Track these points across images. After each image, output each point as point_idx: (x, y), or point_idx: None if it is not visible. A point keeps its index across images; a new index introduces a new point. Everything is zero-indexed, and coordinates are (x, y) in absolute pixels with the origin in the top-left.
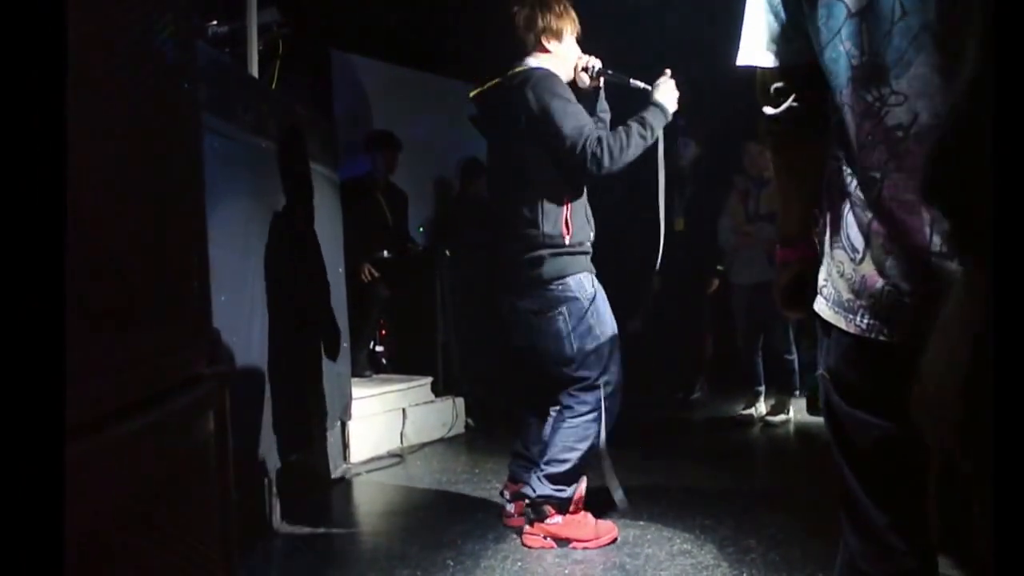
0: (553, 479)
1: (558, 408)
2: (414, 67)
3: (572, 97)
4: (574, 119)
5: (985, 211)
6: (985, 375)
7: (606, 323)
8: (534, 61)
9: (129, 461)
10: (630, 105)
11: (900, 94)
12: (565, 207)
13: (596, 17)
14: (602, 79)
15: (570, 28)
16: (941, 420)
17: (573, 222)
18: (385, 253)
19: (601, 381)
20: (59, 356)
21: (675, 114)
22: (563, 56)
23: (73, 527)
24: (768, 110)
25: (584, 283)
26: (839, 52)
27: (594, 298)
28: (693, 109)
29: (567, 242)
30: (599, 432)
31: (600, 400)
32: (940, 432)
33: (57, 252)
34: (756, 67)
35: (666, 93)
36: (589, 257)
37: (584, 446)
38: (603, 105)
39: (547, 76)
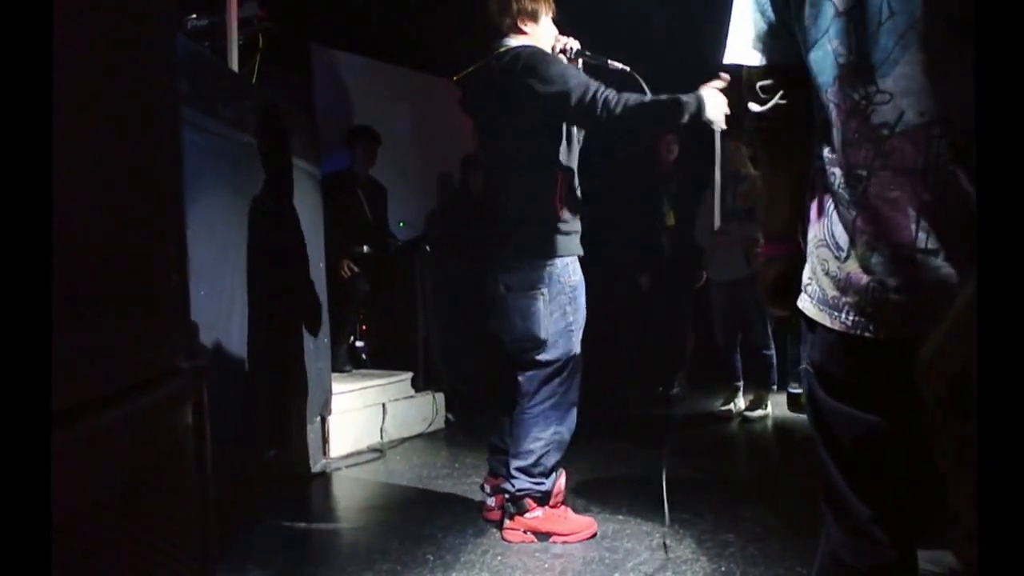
0: (526, 471)
1: (518, 399)
2: (394, 62)
3: (567, 63)
4: (576, 77)
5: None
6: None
7: (580, 311)
8: (514, 43)
9: (105, 453)
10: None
11: (886, 93)
12: (558, 185)
13: (574, 10)
14: (580, 60)
15: (545, 9)
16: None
17: (566, 200)
18: (364, 248)
19: (559, 363)
20: (45, 348)
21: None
22: (540, 37)
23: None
24: (754, 108)
25: (570, 268)
26: (826, 51)
27: (575, 285)
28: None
29: (560, 219)
30: (561, 418)
31: (556, 386)
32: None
33: (43, 244)
34: (743, 65)
35: (712, 93)
36: (578, 237)
37: (547, 434)
38: None
39: (537, 50)
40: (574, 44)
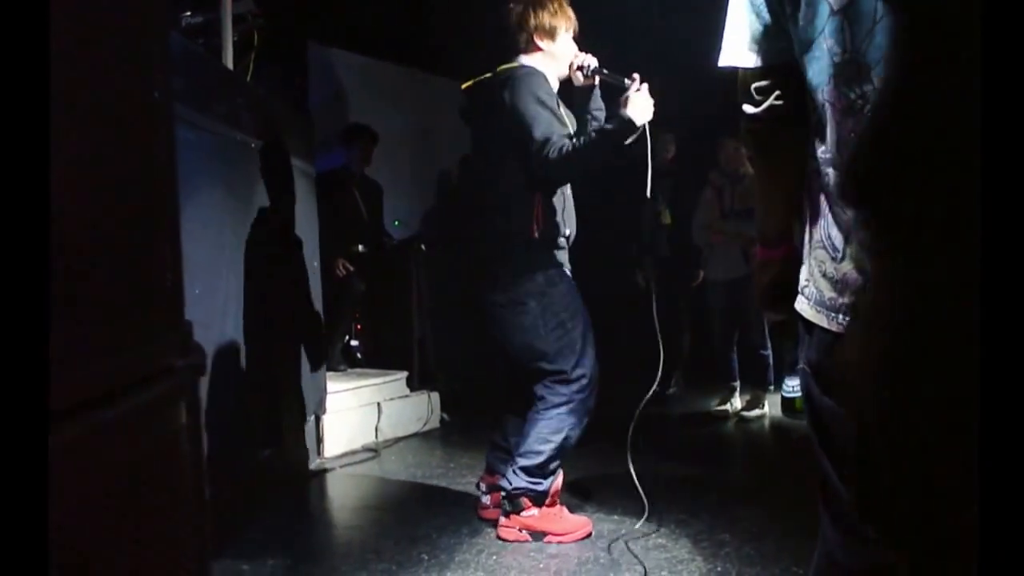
0: (528, 471)
1: (534, 400)
2: (390, 60)
3: (549, 99)
4: (545, 125)
5: (915, 207)
6: (903, 363)
7: (578, 317)
8: (527, 59)
9: (100, 452)
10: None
11: None
12: (536, 202)
13: (576, 14)
14: (597, 78)
15: (565, 26)
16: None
17: (544, 217)
18: (360, 248)
19: (575, 374)
20: (42, 348)
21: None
22: (557, 55)
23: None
24: (749, 109)
25: (553, 278)
26: (821, 50)
27: (565, 292)
28: (670, 105)
29: (536, 236)
30: (574, 425)
31: (574, 393)
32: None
33: (40, 244)
34: (738, 67)
35: (635, 104)
36: (564, 253)
37: (558, 438)
38: (597, 103)
39: (529, 75)
40: (591, 61)
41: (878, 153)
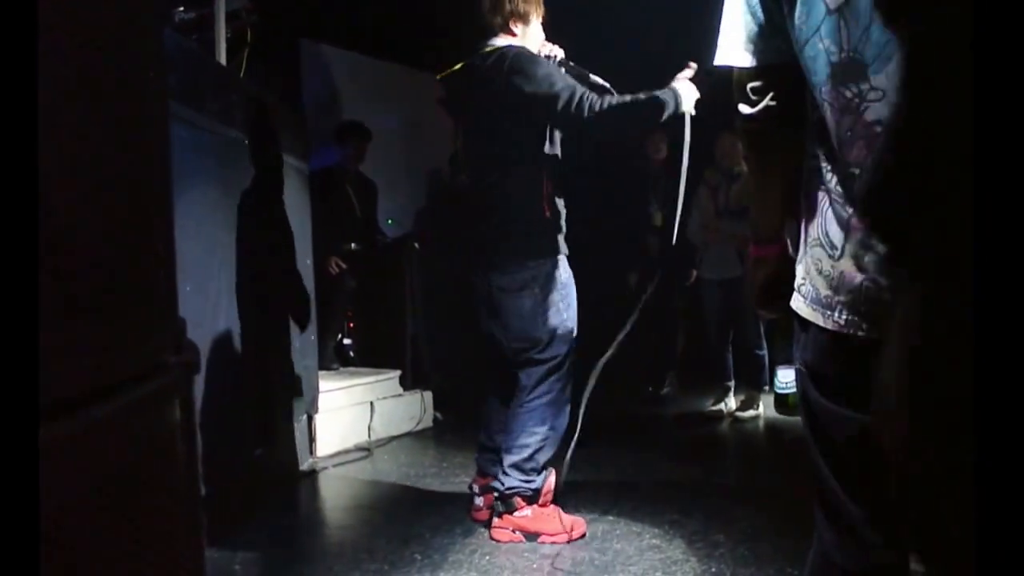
0: (519, 467)
1: (517, 391)
2: (384, 57)
3: (550, 64)
4: (562, 80)
5: (933, 225)
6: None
7: (572, 308)
8: (501, 43)
9: (93, 450)
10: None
11: (879, 89)
12: (544, 185)
13: (569, 11)
14: (563, 70)
15: (536, 12)
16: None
17: (552, 200)
18: (353, 245)
19: (561, 362)
20: (32, 345)
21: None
22: (529, 40)
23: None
24: (745, 109)
25: (559, 264)
26: (818, 49)
27: (566, 282)
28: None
29: (547, 220)
30: (556, 414)
31: (554, 382)
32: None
33: (30, 241)
34: (733, 67)
35: (684, 88)
36: (563, 236)
37: (543, 430)
38: None
39: (523, 49)
40: (558, 52)
41: (896, 181)
